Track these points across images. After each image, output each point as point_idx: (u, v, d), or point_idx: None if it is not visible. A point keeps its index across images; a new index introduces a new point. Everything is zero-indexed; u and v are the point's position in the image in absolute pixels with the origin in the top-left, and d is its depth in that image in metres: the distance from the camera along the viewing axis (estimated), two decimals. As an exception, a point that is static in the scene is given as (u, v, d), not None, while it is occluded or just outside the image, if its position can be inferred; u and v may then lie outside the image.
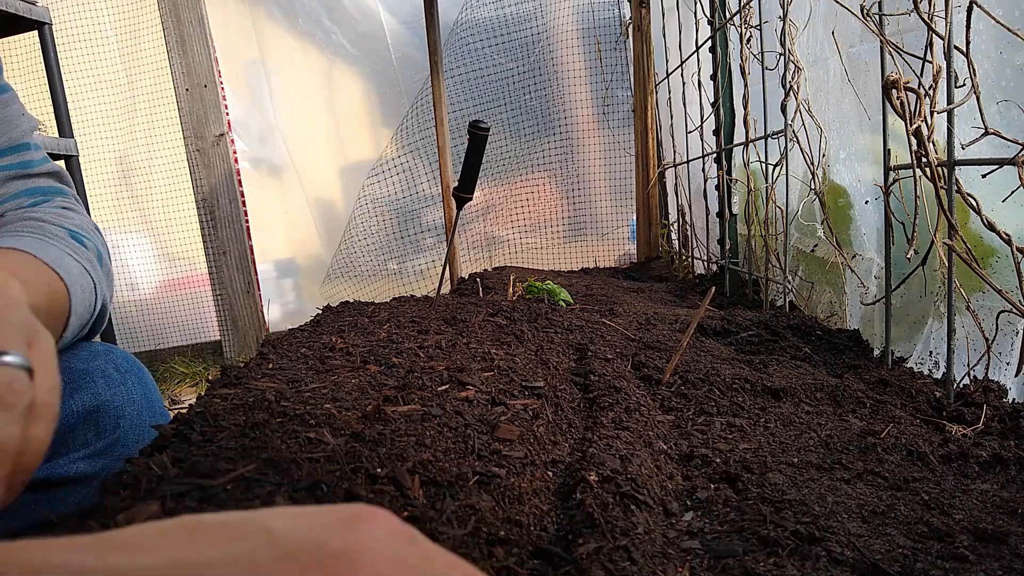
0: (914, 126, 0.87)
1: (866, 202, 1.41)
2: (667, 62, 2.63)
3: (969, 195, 0.86)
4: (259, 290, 3.26)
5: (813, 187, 1.43)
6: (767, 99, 1.56)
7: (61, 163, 2.19)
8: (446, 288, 2.32)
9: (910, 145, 0.89)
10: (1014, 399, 0.94)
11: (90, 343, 0.83)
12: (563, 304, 1.51)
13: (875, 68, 1.14)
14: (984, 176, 0.86)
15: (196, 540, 0.22)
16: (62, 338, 0.70)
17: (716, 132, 2.05)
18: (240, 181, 3.19)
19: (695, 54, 2.15)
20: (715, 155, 2.07)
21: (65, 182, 0.89)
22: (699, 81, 2.12)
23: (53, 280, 0.66)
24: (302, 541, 0.22)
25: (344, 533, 0.23)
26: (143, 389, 0.83)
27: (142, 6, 3.07)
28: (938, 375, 1.11)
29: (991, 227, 0.83)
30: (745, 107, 1.69)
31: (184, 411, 0.67)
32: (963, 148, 0.89)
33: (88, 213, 2.32)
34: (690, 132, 2.33)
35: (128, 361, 0.84)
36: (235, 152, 3.19)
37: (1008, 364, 1.03)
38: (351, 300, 1.41)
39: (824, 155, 1.45)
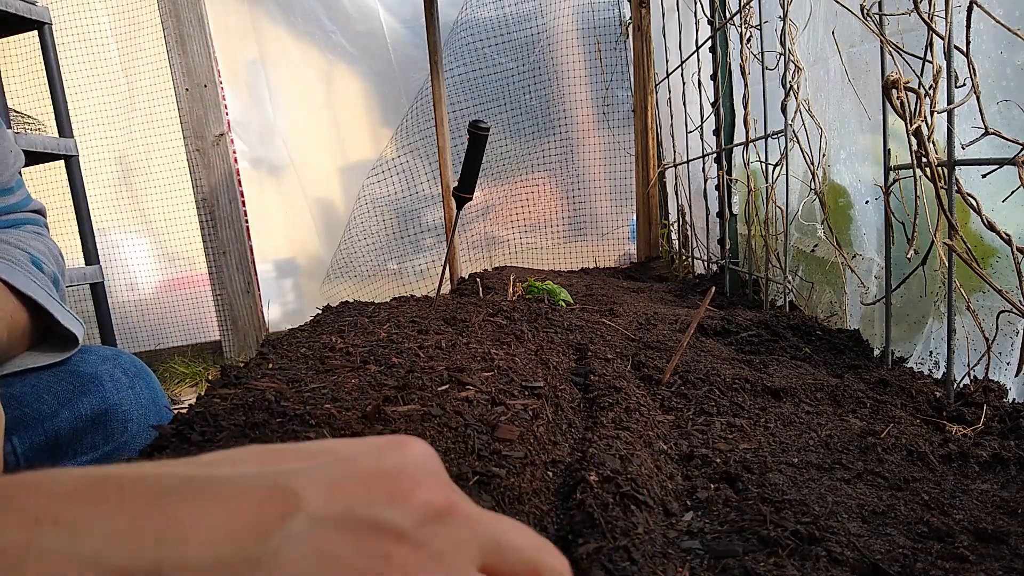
0: (914, 126, 0.87)
1: (866, 202, 1.41)
2: (667, 62, 2.63)
3: (969, 195, 0.86)
4: (259, 290, 3.26)
5: (813, 187, 1.43)
6: (767, 99, 1.56)
7: (60, 162, 2.19)
8: (446, 288, 2.32)
9: (910, 145, 0.89)
10: (1014, 399, 0.94)
11: (98, 347, 0.84)
12: (563, 304, 1.51)
13: (876, 68, 1.14)
14: (984, 176, 0.86)
15: (279, 457, 0.27)
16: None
17: (716, 132, 2.06)
18: (240, 181, 3.19)
19: (695, 54, 2.15)
20: (715, 155, 2.07)
21: (42, 214, 0.93)
22: (699, 81, 2.12)
23: (17, 309, 0.70)
24: (364, 461, 0.27)
25: (394, 454, 0.28)
26: (151, 393, 0.83)
27: (142, 6, 3.07)
28: (938, 375, 1.11)
29: (991, 227, 0.83)
30: (745, 107, 1.69)
31: (184, 411, 0.67)
32: (963, 148, 0.89)
33: (88, 213, 2.30)
34: (690, 132, 2.33)
35: (136, 365, 0.84)
36: (235, 152, 3.19)
37: (1008, 364, 1.03)
38: (351, 300, 1.41)
39: (824, 155, 1.45)
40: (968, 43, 0.84)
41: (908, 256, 0.95)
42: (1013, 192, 0.79)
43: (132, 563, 0.21)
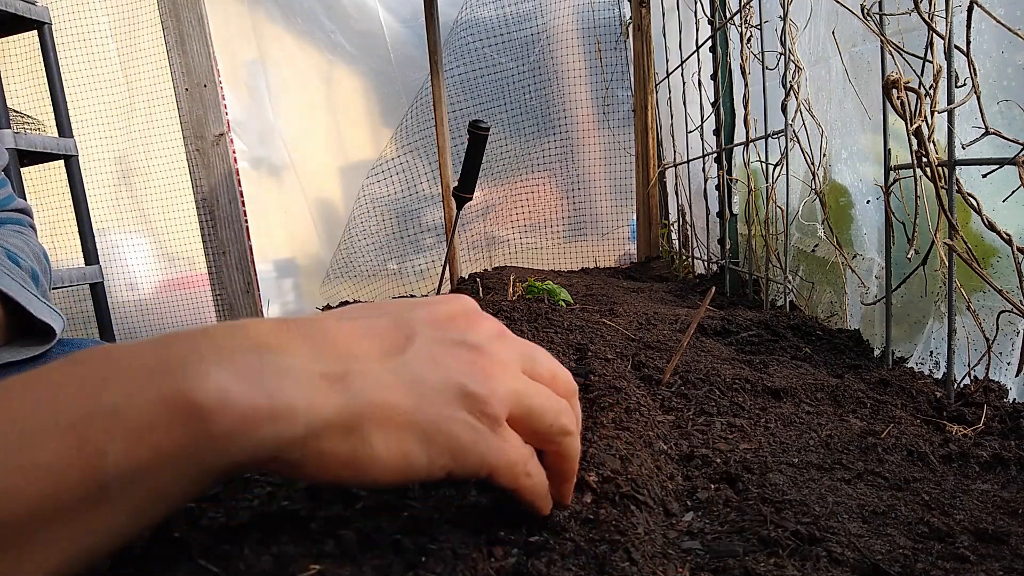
0: (914, 126, 0.87)
1: (867, 202, 1.41)
2: (667, 62, 2.63)
3: (970, 195, 0.86)
4: (259, 290, 3.26)
5: (814, 187, 1.42)
6: (767, 99, 1.56)
7: (60, 162, 2.19)
8: (446, 288, 2.32)
9: (910, 145, 0.89)
10: (1015, 399, 0.94)
11: (81, 340, 0.84)
12: (563, 304, 1.51)
13: (877, 68, 1.14)
14: (985, 176, 0.86)
15: (384, 308, 0.39)
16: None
17: (716, 132, 2.05)
18: (239, 181, 3.19)
19: (695, 54, 2.15)
20: (715, 155, 2.07)
21: (27, 213, 0.93)
22: (699, 81, 2.12)
23: None
24: (440, 308, 0.39)
25: (457, 303, 0.40)
26: None
27: (141, 6, 3.07)
28: (939, 375, 1.11)
29: (991, 227, 0.83)
30: (745, 107, 1.69)
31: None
32: (964, 148, 0.88)
33: (88, 213, 2.29)
34: (690, 132, 2.33)
35: None
36: (234, 152, 3.18)
37: (1009, 364, 1.03)
38: (351, 300, 1.41)
39: (825, 155, 1.45)
40: (968, 43, 0.84)
41: (908, 256, 0.95)
42: (1013, 192, 0.79)
43: (328, 370, 0.32)
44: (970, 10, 0.83)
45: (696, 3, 2.07)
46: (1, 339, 0.73)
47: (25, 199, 0.95)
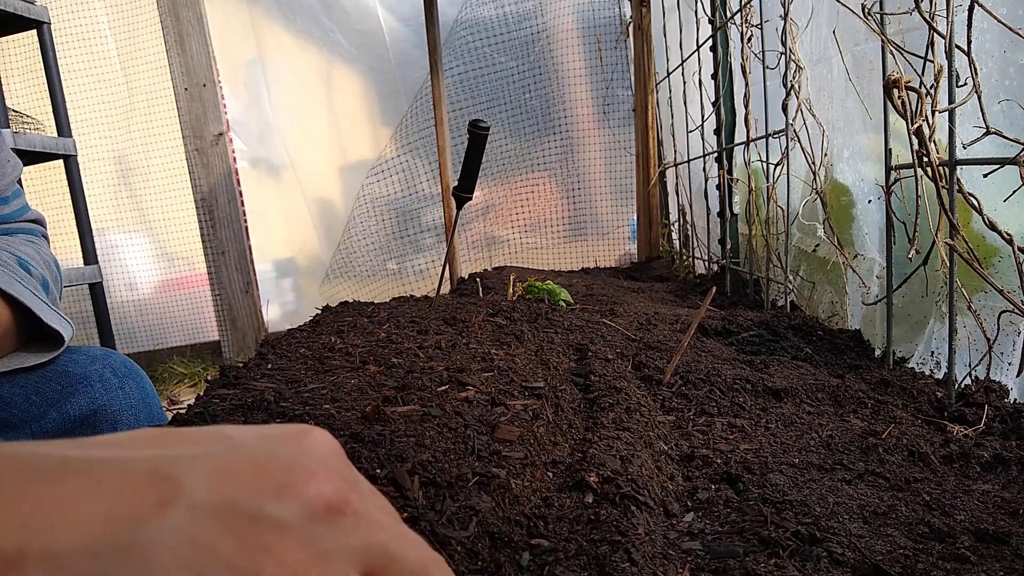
0: (915, 125, 0.87)
1: (869, 201, 1.40)
2: (668, 61, 2.63)
3: (971, 194, 0.86)
4: (258, 290, 3.26)
5: (815, 186, 1.42)
6: (768, 98, 1.56)
7: (59, 161, 2.19)
8: (446, 288, 2.32)
9: (911, 144, 0.88)
10: (1016, 399, 0.94)
11: (88, 347, 0.84)
12: (563, 304, 1.51)
13: (879, 67, 1.13)
14: (986, 176, 0.85)
15: (167, 443, 0.25)
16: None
17: (717, 131, 2.05)
18: (239, 181, 3.19)
19: (696, 53, 2.15)
20: (716, 154, 2.07)
21: (40, 223, 0.93)
22: (700, 80, 2.11)
23: (1, 308, 0.70)
24: (256, 448, 0.26)
25: (289, 445, 0.27)
26: (141, 393, 0.83)
27: (140, 5, 3.07)
28: (940, 375, 1.10)
29: (992, 227, 0.83)
30: (746, 106, 1.69)
31: (183, 411, 0.67)
32: (964, 147, 0.88)
33: (86, 213, 2.28)
34: (691, 131, 2.33)
35: (126, 365, 0.84)
36: (233, 152, 3.18)
37: (1010, 364, 1.03)
38: (350, 300, 1.41)
39: (826, 154, 1.44)
40: (969, 42, 0.84)
41: (909, 256, 0.94)
42: (1015, 192, 0.79)
43: None
44: (971, 10, 0.83)
45: (696, 2, 2.07)
46: (13, 344, 0.74)
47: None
